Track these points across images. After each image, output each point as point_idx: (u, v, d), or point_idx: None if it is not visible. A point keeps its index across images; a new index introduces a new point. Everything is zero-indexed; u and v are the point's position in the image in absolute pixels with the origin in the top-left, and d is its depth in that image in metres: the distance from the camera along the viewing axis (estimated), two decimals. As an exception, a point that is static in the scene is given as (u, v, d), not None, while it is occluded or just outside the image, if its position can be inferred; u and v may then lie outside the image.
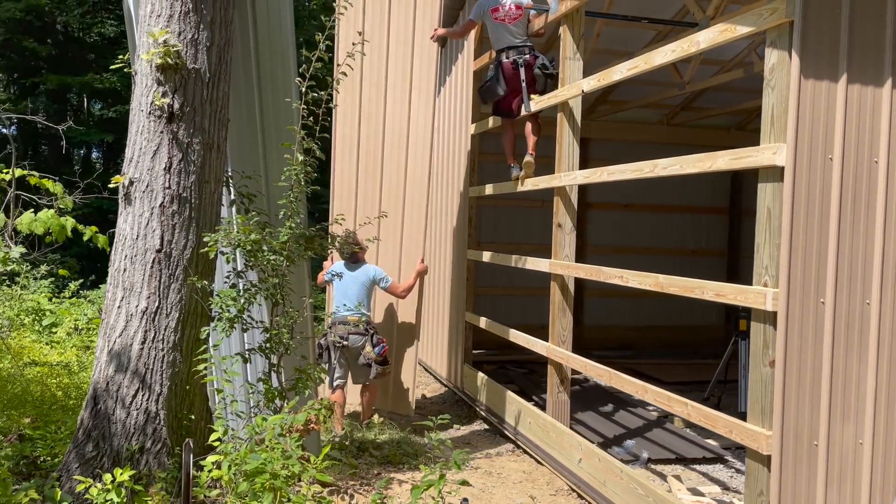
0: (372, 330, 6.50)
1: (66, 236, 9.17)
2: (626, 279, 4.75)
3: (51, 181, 9.34)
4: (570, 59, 5.75)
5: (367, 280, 6.53)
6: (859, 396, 3.51)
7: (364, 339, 6.43)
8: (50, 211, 9.11)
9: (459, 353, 8.01)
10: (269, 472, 3.63)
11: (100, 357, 4.46)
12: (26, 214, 9.03)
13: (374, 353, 6.38)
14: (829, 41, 3.40)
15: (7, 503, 3.58)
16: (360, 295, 6.48)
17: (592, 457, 5.09)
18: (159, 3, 4.31)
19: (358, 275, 6.55)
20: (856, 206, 3.46)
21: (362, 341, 6.43)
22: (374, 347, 6.39)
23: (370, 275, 6.55)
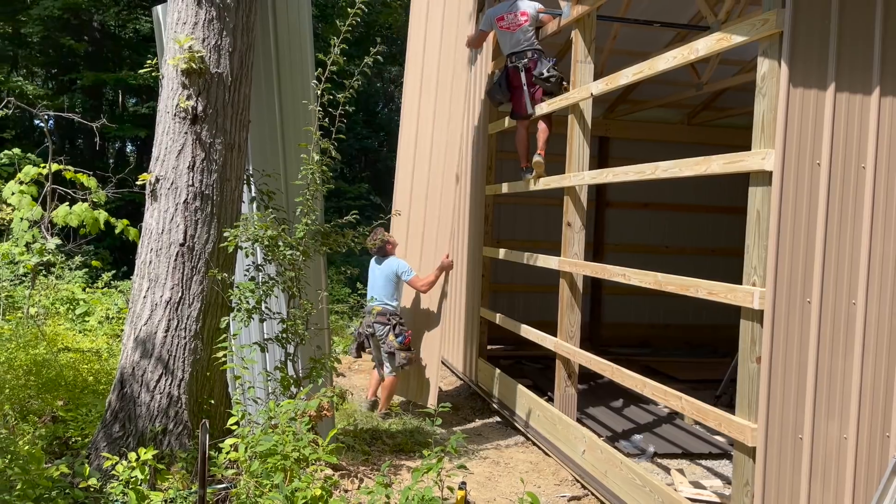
0: (395, 320, 6.84)
1: (99, 229, 9.58)
2: (628, 277, 4.91)
3: (85, 175, 9.74)
4: (581, 62, 5.91)
5: (391, 273, 6.91)
6: (844, 393, 3.64)
7: (387, 328, 6.81)
8: (84, 204, 9.52)
9: (474, 347, 8.21)
10: (280, 454, 3.87)
11: (126, 344, 4.74)
12: (62, 207, 9.44)
13: (396, 341, 6.76)
14: (817, 51, 3.53)
15: (40, 476, 3.87)
16: (386, 287, 6.89)
17: (595, 449, 5.27)
18: (185, 11, 4.57)
19: (384, 268, 6.94)
20: (843, 210, 3.59)
21: (385, 330, 6.81)
22: (397, 337, 6.77)
23: (394, 268, 6.92)
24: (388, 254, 7.02)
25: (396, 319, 6.86)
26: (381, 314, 6.82)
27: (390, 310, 6.87)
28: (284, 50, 5.25)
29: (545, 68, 6.28)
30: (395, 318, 6.86)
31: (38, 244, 9.26)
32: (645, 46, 8.48)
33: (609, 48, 8.21)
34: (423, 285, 6.97)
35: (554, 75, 6.27)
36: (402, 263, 6.97)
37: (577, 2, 5.87)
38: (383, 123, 23.18)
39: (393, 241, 7.11)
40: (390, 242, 7.05)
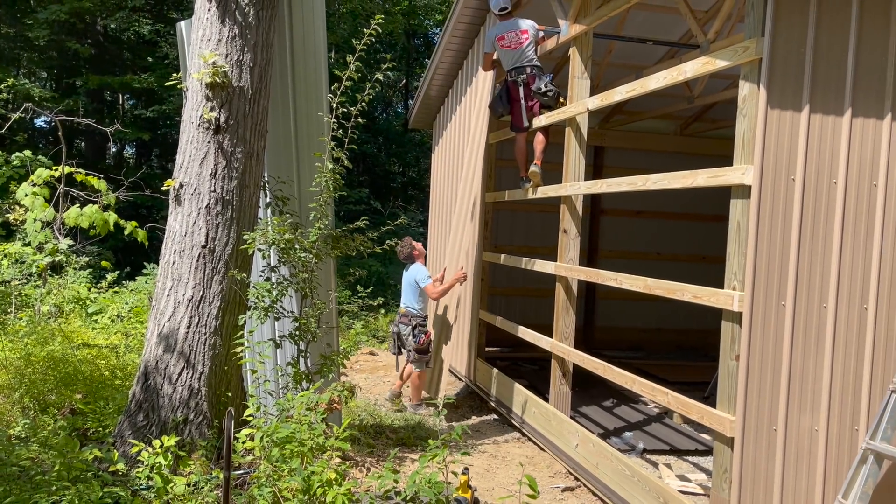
0: (416, 321, 7.43)
1: (108, 230, 9.88)
2: (620, 281, 5.25)
3: (96, 178, 10.06)
4: (578, 78, 6.25)
5: (412, 279, 7.56)
6: (815, 389, 3.97)
7: (408, 328, 7.43)
8: (95, 206, 9.82)
9: (473, 348, 8.53)
10: (298, 441, 4.19)
11: (150, 339, 5.06)
12: (73, 209, 9.76)
13: (412, 342, 7.37)
14: (794, 77, 3.87)
15: (75, 458, 4.18)
16: (409, 291, 7.57)
17: (587, 442, 5.59)
18: (210, 28, 4.89)
19: (408, 275, 7.65)
20: (815, 221, 3.93)
21: (408, 330, 7.43)
22: (414, 338, 7.38)
23: (414, 275, 7.55)
24: (414, 261, 7.66)
25: (417, 321, 7.45)
26: (404, 315, 7.53)
27: (413, 312, 7.49)
28: (300, 64, 5.57)
29: (543, 83, 6.62)
30: (416, 319, 7.46)
31: (50, 244, 9.57)
32: (639, 60, 8.84)
33: (605, 61, 8.57)
34: (433, 293, 7.48)
35: (551, 90, 6.62)
36: (422, 271, 7.55)
37: (575, 21, 6.22)
38: (382, 128, 23.51)
39: (420, 249, 7.74)
40: (416, 250, 7.67)
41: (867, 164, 3.97)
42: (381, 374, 9.55)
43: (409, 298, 7.56)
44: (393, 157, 23.84)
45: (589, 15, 6.07)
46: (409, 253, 7.64)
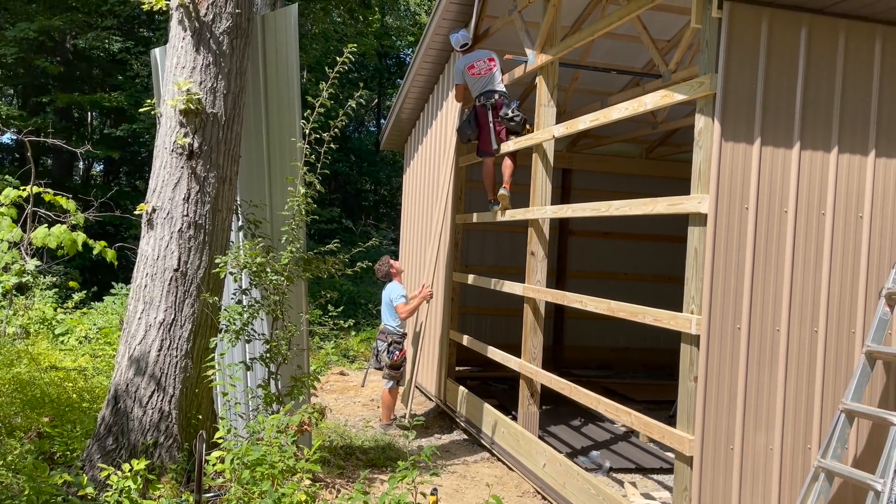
0: (391, 339, 7.59)
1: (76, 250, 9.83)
2: (584, 303, 5.40)
3: (64, 198, 10.01)
4: (544, 106, 6.43)
5: (387, 298, 7.72)
6: (770, 409, 4.14)
7: (384, 345, 7.62)
8: (63, 226, 9.77)
9: (444, 368, 8.63)
10: (268, 463, 4.24)
11: (121, 362, 5.08)
12: (41, 229, 9.69)
13: (386, 357, 7.55)
14: (746, 111, 4.07)
15: (44, 483, 4.18)
16: (386, 309, 7.75)
17: (555, 462, 5.71)
18: (184, 56, 4.98)
19: (385, 293, 7.83)
20: (768, 248, 4.12)
21: (384, 346, 7.62)
22: (388, 354, 7.55)
23: (389, 293, 7.72)
24: (392, 279, 7.82)
25: (393, 338, 7.60)
26: (382, 332, 7.74)
27: (389, 329, 7.66)
28: (273, 91, 5.67)
29: (510, 110, 6.81)
30: (392, 336, 7.61)
31: (17, 265, 9.48)
32: (604, 87, 9.10)
33: (572, 87, 8.81)
34: (402, 312, 7.62)
35: (518, 115, 6.81)
36: (396, 290, 7.70)
37: (542, 51, 6.41)
38: (354, 147, 23.63)
39: (397, 268, 7.92)
40: (394, 268, 7.85)
41: (815, 193, 4.18)
42: (352, 395, 9.59)
43: (387, 316, 7.72)
44: (365, 176, 23.96)
45: (555, 45, 6.27)
46: (387, 271, 7.81)
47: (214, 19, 5.02)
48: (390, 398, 7.72)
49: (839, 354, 4.23)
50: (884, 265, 4.26)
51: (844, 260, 4.22)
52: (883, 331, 4.09)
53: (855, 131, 4.22)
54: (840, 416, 3.99)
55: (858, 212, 4.23)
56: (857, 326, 4.24)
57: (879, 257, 4.27)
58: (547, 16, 6.31)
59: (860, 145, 4.23)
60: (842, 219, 4.21)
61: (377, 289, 17.55)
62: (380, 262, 7.87)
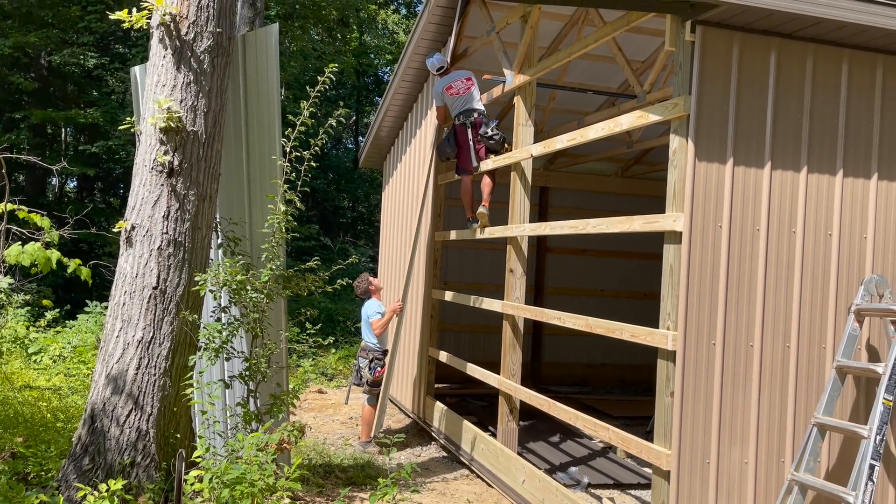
0: (371, 355, 7.62)
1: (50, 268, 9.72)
2: (563, 320, 5.46)
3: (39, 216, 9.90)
4: (522, 125, 6.53)
5: (365, 315, 7.78)
6: (745, 423, 4.22)
7: (366, 361, 7.66)
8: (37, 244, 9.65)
9: (423, 385, 8.63)
10: (248, 482, 4.23)
11: (98, 380, 5.03)
12: (14, 247, 9.55)
13: (369, 375, 7.59)
14: (718, 132, 4.19)
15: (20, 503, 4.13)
16: (365, 326, 7.79)
17: (534, 478, 5.74)
18: (165, 74, 5.00)
19: (363, 310, 7.87)
20: (741, 265, 4.22)
21: (365, 363, 7.67)
22: (370, 371, 7.59)
23: (368, 310, 7.77)
24: (370, 296, 7.86)
25: (374, 355, 7.63)
26: (363, 349, 7.76)
27: (369, 346, 7.70)
28: (253, 109, 5.70)
29: (490, 128, 6.91)
30: (373, 353, 7.64)
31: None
32: (581, 106, 9.25)
33: (549, 107, 8.94)
34: (376, 328, 7.65)
35: (497, 134, 6.90)
36: (373, 306, 7.75)
37: (520, 71, 6.51)
38: (332, 164, 23.64)
39: (376, 285, 7.98)
40: (373, 285, 7.91)
41: (786, 212, 4.29)
42: (331, 413, 9.55)
43: (366, 333, 7.76)
44: (343, 193, 23.96)
45: (533, 66, 6.38)
46: (366, 288, 7.86)
47: (195, 38, 5.05)
48: (371, 415, 7.70)
49: (811, 369, 4.33)
50: (852, 282, 4.38)
51: (815, 277, 4.33)
52: (852, 346, 4.19)
53: (823, 151, 4.35)
54: (812, 430, 4.08)
55: (828, 230, 4.35)
56: (828, 341, 4.35)
57: (848, 274, 4.38)
58: (525, 37, 6.42)
59: (828, 165, 4.36)
60: (811, 237, 4.33)
61: (355, 306, 17.52)
62: (359, 280, 7.93)
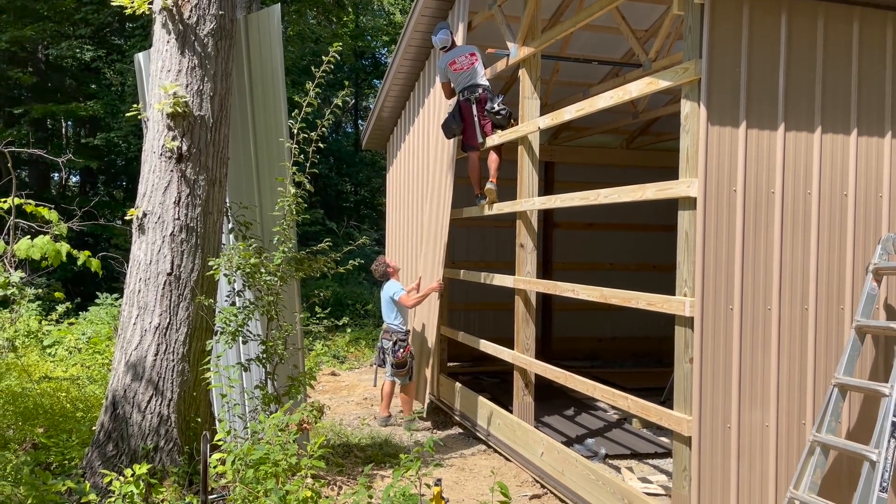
0: (396, 337, 7.64)
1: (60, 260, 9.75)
2: (577, 292, 5.46)
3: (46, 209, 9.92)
4: (528, 98, 6.49)
5: (388, 296, 7.76)
6: (765, 387, 4.22)
7: (389, 343, 7.67)
8: (46, 237, 9.68)
9: (436, 364, 8.66)
10: (272, 462, 4.25)
11: (117, 368, 5.06)
12: (23, 241, 9.58)
13: (392, 357, 7.64)
14: (731, 95, 4.15)
15: (47, 491, 4.16)
16: (388, 308, 7.77)
17: (553, 450, 5.77)
18: (169, 59, 4.97)
19: (384, 291, 7.85)
20: (757, 229, 4.20)
21: (389, 345, 7.67)
22: (393, 353, 7.61)
23: (389, 291, 7.75)
24: (389, 278, 7.87)
25: (398, 336, 7.65)
26: (386, 331, 7.77)
27: (393, 328, 7.71)
28: (258, 91, 5.67)
29: (495, 104, 6.86)
30: (396, 335, 7.66)
31: (1, 277, 9.38)
32: (585, 78, 9.18)
33: (553, 80, 8.87)
34: (409, 303, 7.70)
35: (504, 109, 6.85)
36: (395, 286, 7.76)
37: (524, 44, 6.46)
38: (333, 148, 23.57)
39: (394, 266, 8.01)
40: (391, 267, 7.93)
41: (801, 174, 4.26)
42: (345, 395, 9.60)
43: (388, 315, 7.77)
44: (345, 177, 23.90)
45: (537, 38, 6.32)
46: (384, 271, 7.87)
47: (198, 21, 5.02)
48: (391, 391, 7.81)
49: (829, 330, 4.32)
50: (869, 241, 4.36)
51: (831, 238, 4.31)
52: (871, 305, 4.18)
53: (836, 111, 4.31)
54: (833, 391, 4.08)
55: (843, 190, 4.33)
56: (846, 302, 4.34)
57: (865, 234, 4.36)
58: (528, 9, 6.36)
59: (842, 125, 4.33)
60: (827, 198, 4.30)
61: (363, 290, 17.56)
62: (376, 263, 7.96)
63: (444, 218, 7.68)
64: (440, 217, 7.78)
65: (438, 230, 7.80)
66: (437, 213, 7.85)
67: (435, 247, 7.91)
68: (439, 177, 7.89)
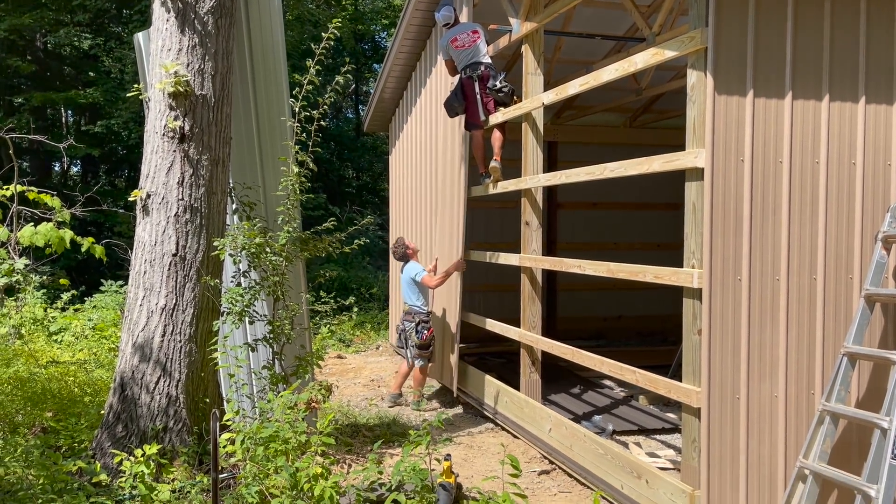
0: (418, 318, 7.62)
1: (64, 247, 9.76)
2: (583, 268, 5.44)
3: (48, 196, 9.91)
4: (531, 74, 6.44)
5: (409, 277, 7.72)
6: (773, 357, 4.21)
7: (412, 325, 7.63)
8: (49, 224, 9.68)
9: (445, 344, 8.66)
10: (282, 440, 4.26)
11: (124, 349, 5.06)
12: (27, 228, 9.59)
13: (416, 338, 7.56)
14: (737, 63, 4.10)
15: (58, 472, 4.18)
16: (409, 289, 7.73)
17: (560, 426, 5.77)
18: (169, 38, 4.93)
19: (405, 273, 7.80)
20: (765, 199, 4.17)
21: (411, 326, 7.65)
22: (417, 334, 7.57)
23: (410, 272, 7.71)
24: (408, 260, 7.83)
25: (420, 318, 7.63)
26: (407, 313, 7.76)
27: (415, 309, 7.69)
28: (260, 70, 5.63)
29: (498, 81, 6.80)
30: (419, 316, 7.64)
31: (6, 265, 9.38)
32: (588, 55, 9.11)
33: (555, 58, 8.80)
34: (432, 283, 7.64)
35: (506, 86, 6.80)
36: (417, 267, 7.72)
37: (526, 19, 6.40)
38: (333, 133, 23.49)
39: (413, 247, 7.97)
40: (410, 248, 7.89)
41: (809, 142, 4.23)
42: (352, 377, 9.62)
43: (410, 296, 7.74)
44: (346, 162, 23.84)
45: (539, 13, 6.27)
46: (404, 252, 7.84)
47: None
48: (421, 374, 7.80)
49: (838, 300, 4.30)
50: (878, 210, 4.33)
51: (840, 207, 4.28)
52: (881, 274, 4.16)
53: (844, 78, 4.27)
54: (842, 360, 4.07)
55: (851, 158, 4.29)
56: (855, 272, 4.31)
57: (874, 202, 4.33)
58: (530, -16, 6.30)
59: (850, 92, 4.28)
60: (835, 166, 4.27)
61: (367, 274, 17.56)
62: (395, 244, 7.97)
63: (459, 195, 7.62)
64: (455, 194, 7.71)
65: (455, 208, 7.74)
66: (452, 191, 7.79)
67: (452, 225, 7.86)
68: (451, 154, 7.83)
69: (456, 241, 7.72)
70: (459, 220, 7.62)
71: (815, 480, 3.94)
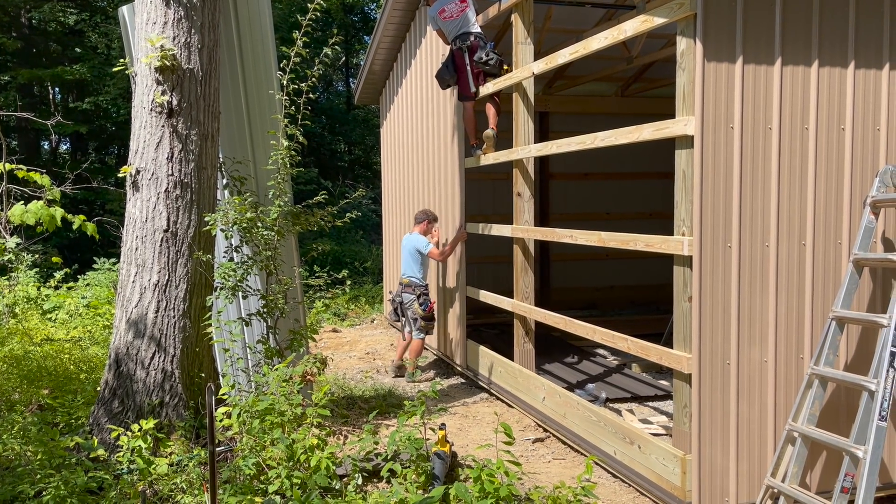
0: (420, 290, 7.64)
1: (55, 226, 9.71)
2: (575, 237, 5.46)
3: (38, 174, 9.84)
4: (522, 43, 6.39)
5: (412, 248, 7.73)
6: (763, 323, 4.25)
7: (412, 297, 7.62)
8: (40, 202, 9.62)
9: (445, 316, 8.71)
10: (278, 412, 4.30)
11: (118, 326, 5.07)
12: (17, 206, 9.52)
13: (420, 310, 7.56)
14: (727, 29, 4.08)
15: (56, 447, 4.21)
16: (410, 261, 7.73)
17: (554, 395, 5.83)
18: (154, 11, 4.87)
19: (407, 244, 7.82)
20: (754, 166, 4.18)
21: (411, 299, 7.65)
22: (421, 306, 7.58)
23: (414, 244, 7.71)
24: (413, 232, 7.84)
25: (421, 290, 7.66)
26: (407, 285, 7.72)
27: (416, 281, 7.70)
28: (247, 43, 5.58)
29: (485, 52, 6.76)
30: (419, 288, 7.66)
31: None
32: (578, 24, 9.02)
33: (545, 27, 8.72)
34: (438, 256, 7.69)
35: (492, 58, 6.75)
36: (422, 239, 7.73)
37: (515, -12, 6.34)
38: (324, 107, 23.33)
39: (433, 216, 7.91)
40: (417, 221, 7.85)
41: (798, 109, 4.22)
42: (347, 350, 9.67)
43: (412, 268, 7.72)
44: (338, 136, 23.72)
45: (528, -19, 6.20)
46: (425, 218, 7.81)
47: (182, -28, 4.91)
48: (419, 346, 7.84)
49: (827, 266, 4.33)
50: (867, 175, 4.35)
51: (829, 173, 4.29)
52: (869, 239, 4.19)
53: (834, 44, 4.26)
54: (831, 324, 4.12)
55: (840, 124, 4.29)
56: (843, 238, 4.34)
57: (862, 168, 4.35)
58: (518, -49, 6.22)
59: (840, 58, 4.27)
60: (825, 132, 4.27)
61: (361, 248, 17.56)
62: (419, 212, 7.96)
63: (455, 166, 7.61)
64: (451, 166, 7.70)
65: (451, 179, 7.73)
66: (447, 163, 7.79)
67: (449, 197, 7.87)
68: (444, 126, 7.80)
69: (456, 211, 7.73)
70: (457, 191, 7.62)
71: (804, 443, 4.01)
